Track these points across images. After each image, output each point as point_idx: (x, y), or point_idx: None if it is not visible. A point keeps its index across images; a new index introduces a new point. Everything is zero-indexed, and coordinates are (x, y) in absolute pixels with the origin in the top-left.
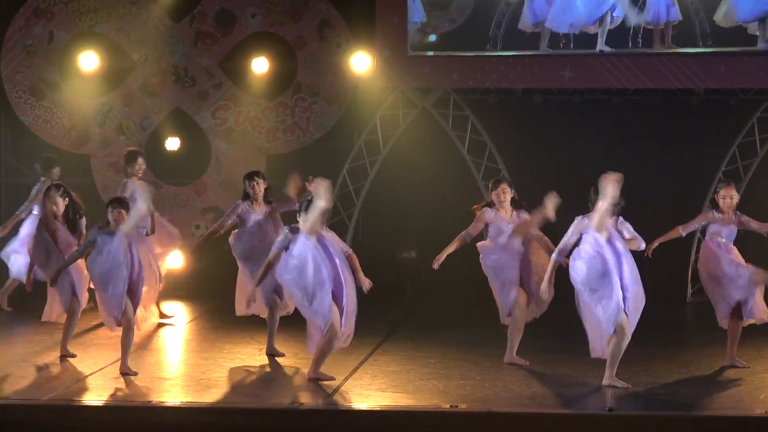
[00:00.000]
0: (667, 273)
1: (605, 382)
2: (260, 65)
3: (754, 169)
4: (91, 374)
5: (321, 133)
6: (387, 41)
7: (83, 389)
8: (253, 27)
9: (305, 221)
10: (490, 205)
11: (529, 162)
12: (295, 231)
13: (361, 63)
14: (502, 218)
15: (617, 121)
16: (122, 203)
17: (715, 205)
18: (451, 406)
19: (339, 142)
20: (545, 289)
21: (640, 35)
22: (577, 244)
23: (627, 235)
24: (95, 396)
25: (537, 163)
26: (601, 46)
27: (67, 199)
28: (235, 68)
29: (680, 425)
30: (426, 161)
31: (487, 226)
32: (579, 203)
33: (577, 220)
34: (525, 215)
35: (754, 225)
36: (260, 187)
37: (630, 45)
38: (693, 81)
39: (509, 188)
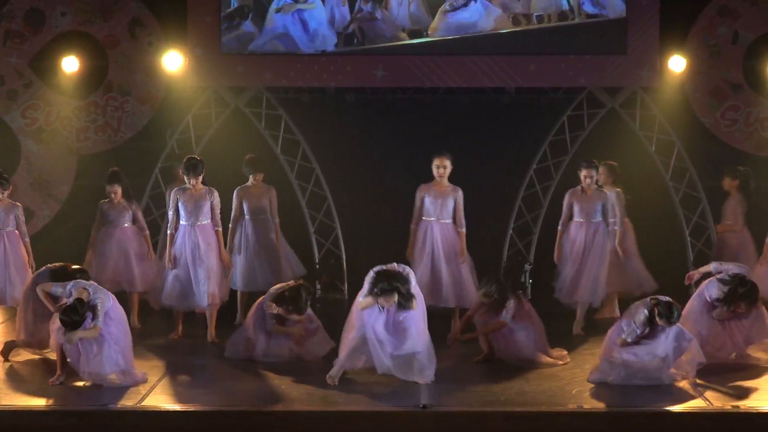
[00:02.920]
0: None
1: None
2: (70, 64)
3: (564, 167)
4: None
5: (133, 132)
6: (199, 40)
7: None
8: (63, 26)
9: None
10: None
11: (343, 161)
12: None
13: (173, 62)
14: None
15: (430, 120)
16: None
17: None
18: (267, 406)
19: (151, 142)
20: None
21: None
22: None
23: None
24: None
25: (351, 162)
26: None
27: None
28: (45, 67)
29: (493, 421)
30: (239, 161)
31: None
32: (393, 202)
33: None
34: None
35: None
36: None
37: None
38: (504, 80)
39: None
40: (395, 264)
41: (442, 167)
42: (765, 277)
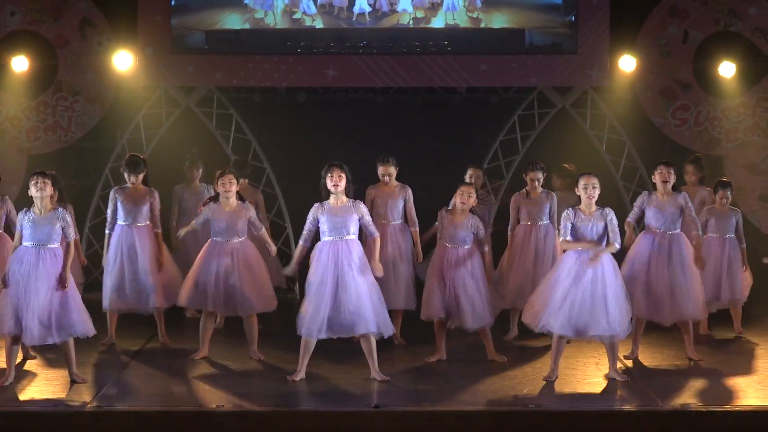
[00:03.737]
0: None
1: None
2: (20, 64)
3: (515, 166)
4: None
5: (83, 132)
6: (149, 40)
7: None
8: (12, 25)
9: None
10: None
11: (294, 161)
12: None
13: (123, 61)
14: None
15: (381, 119)
16: None
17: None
18: (217, 406)
19: (101, 142)
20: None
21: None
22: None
23: None
24: None
25: (302, 162)
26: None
27: None
28: None
29: (446, 420)
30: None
31: None
32: None
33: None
34: None
35: None
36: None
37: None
38: (455, 80)
39: None
40: None
41: (387, 175)
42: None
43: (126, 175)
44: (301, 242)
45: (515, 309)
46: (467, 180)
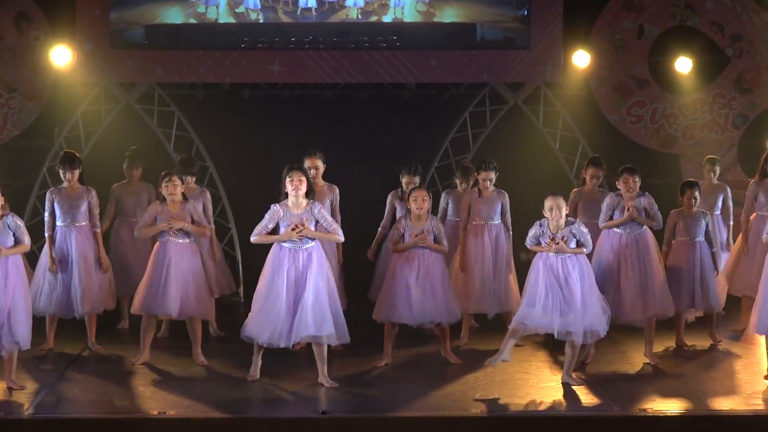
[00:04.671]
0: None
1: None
2: None
3: None
4: None
5: (19, 130)
6: (88, 34)
7: None
8: None
9: None
10: None
11: (238, 159)
12: None
13: (61, 57)
14: None
15: (328, 116)
16: None
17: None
18: (159, 413)
19: (39, 140)
20: None
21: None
22: None
23: None
24: None
25: (246, 161)
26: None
27: None
28: None
29: (394, 426)
30: None
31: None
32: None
33: None
34: None
35: None
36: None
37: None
38: (404, 75)
39: None
40: None
41: (313, 168)
42: (747, 268)
43: (61, 172)
44: None
45: (468, 313)
46: (404, 188)
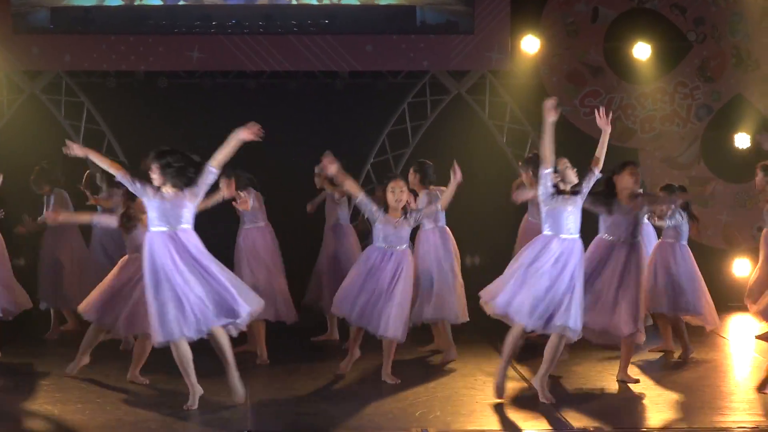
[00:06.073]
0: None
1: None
2: None
3: (405, 160)
4: None
5: None
6: None
7: None
8: None
9: None
10: None
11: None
12: None
13: None
14: None
15: (254, 107)
16: None
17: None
18: None
19: None
20: None
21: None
22: None
23: None
24: None
25: None
26: None
27: None
28: None
29: None
30: (35, 153)
31: None
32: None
33: None
34: None
35: None
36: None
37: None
38: (336, 63)
39: None
40: None
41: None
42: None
43: None
44: None
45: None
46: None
